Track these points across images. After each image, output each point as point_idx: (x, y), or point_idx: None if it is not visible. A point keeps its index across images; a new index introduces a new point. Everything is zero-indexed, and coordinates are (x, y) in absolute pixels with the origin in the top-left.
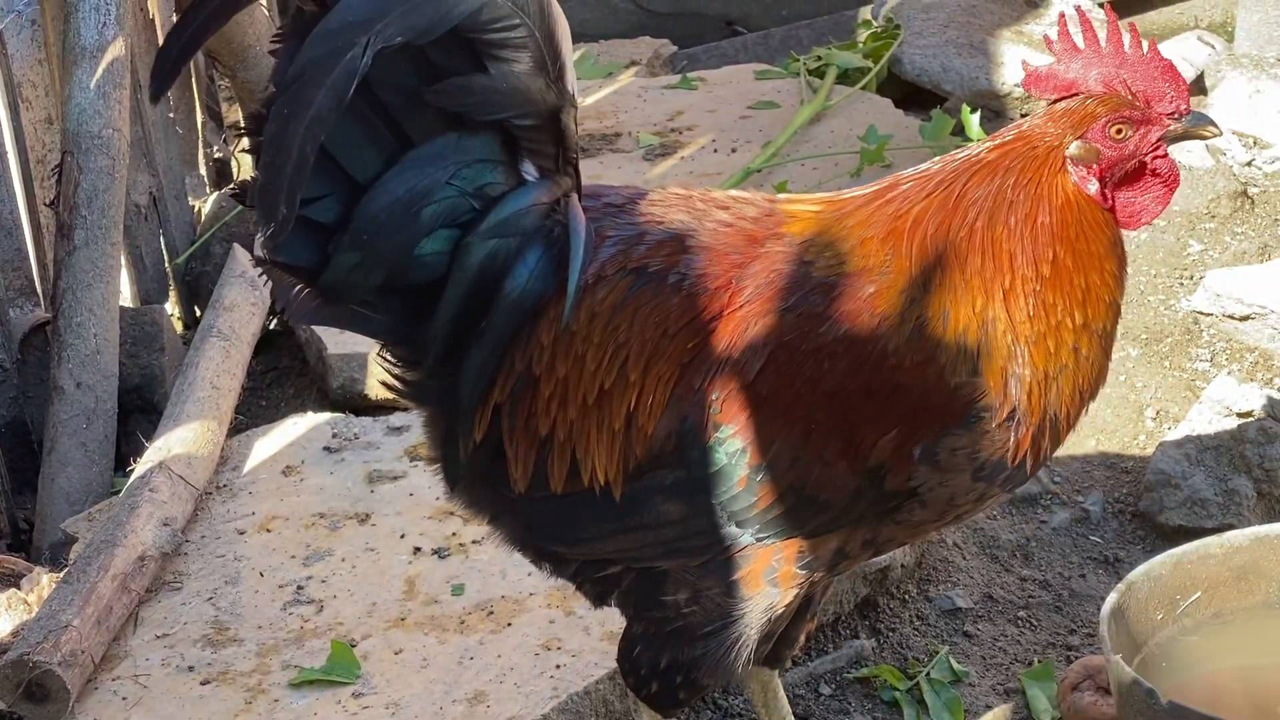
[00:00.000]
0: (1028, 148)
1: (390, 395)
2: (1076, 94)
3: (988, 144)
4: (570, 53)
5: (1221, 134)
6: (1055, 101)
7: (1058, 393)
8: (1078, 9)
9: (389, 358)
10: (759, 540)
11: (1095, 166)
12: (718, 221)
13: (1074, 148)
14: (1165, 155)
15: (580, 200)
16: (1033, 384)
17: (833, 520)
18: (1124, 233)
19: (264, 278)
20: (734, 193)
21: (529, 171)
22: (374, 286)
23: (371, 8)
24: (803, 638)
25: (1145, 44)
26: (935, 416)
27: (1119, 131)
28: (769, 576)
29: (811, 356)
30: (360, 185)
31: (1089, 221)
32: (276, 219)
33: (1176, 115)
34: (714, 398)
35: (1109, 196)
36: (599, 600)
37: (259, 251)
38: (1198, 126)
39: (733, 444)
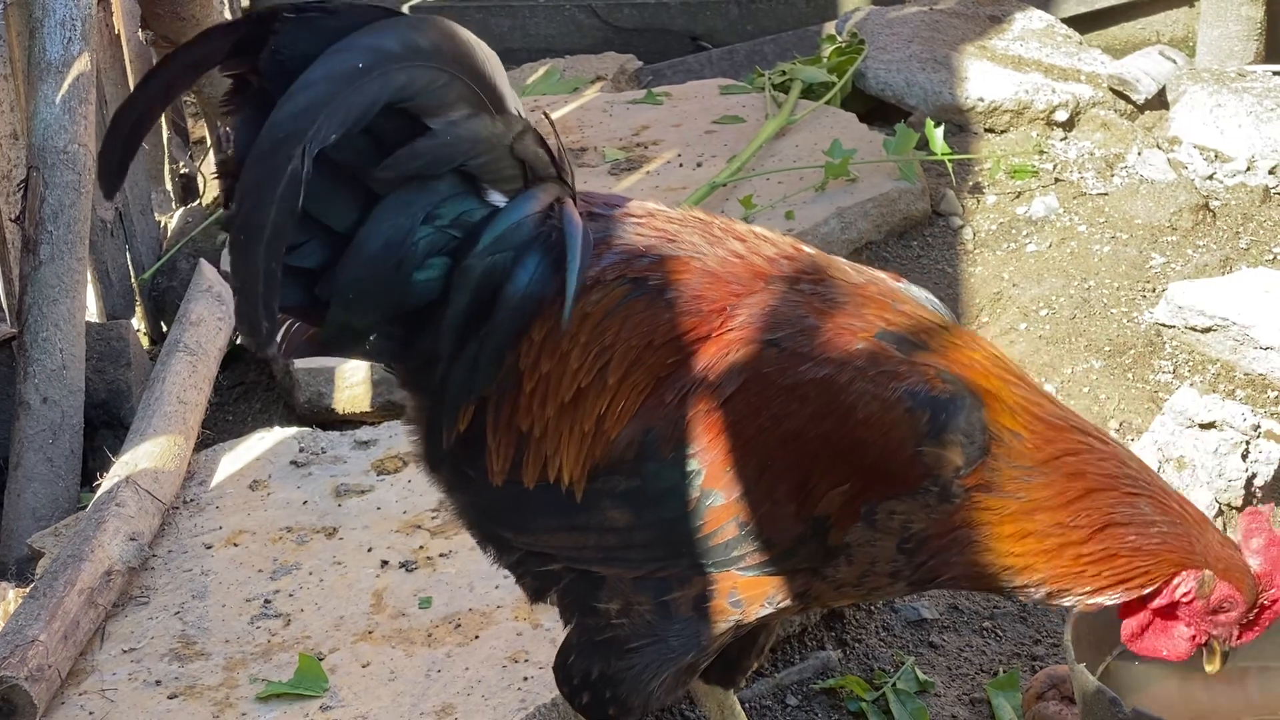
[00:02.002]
0: (1190, 537)
1: (357, 410)
2: (1252, 559)
3: (1180, 500)
4: (504, 78)
5: (1217, 670)
6: (1249, 543)
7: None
8: None
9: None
10: (696, 566)
11: (1193, 602)
12: (730, 251)
13: (1208, 576)
14: (1200, 641)
15: (576, 201)
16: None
17: (772, 561)
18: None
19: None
20: (757, 229)
21: (495, 199)
22: (371, 331)
23: (300, 118)
24: (754, 665)
25: None
26: (890, 481)
27: (1222, 605)
28: (699, 606)
29: (783, 393)
30: (339, 233)
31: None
32: (260, 334)
33: (1234, 640)
34: (681, 415)
35: (1148, 610)
36: (536, 595)
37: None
38: (1218, 654)
39: (690, 464)
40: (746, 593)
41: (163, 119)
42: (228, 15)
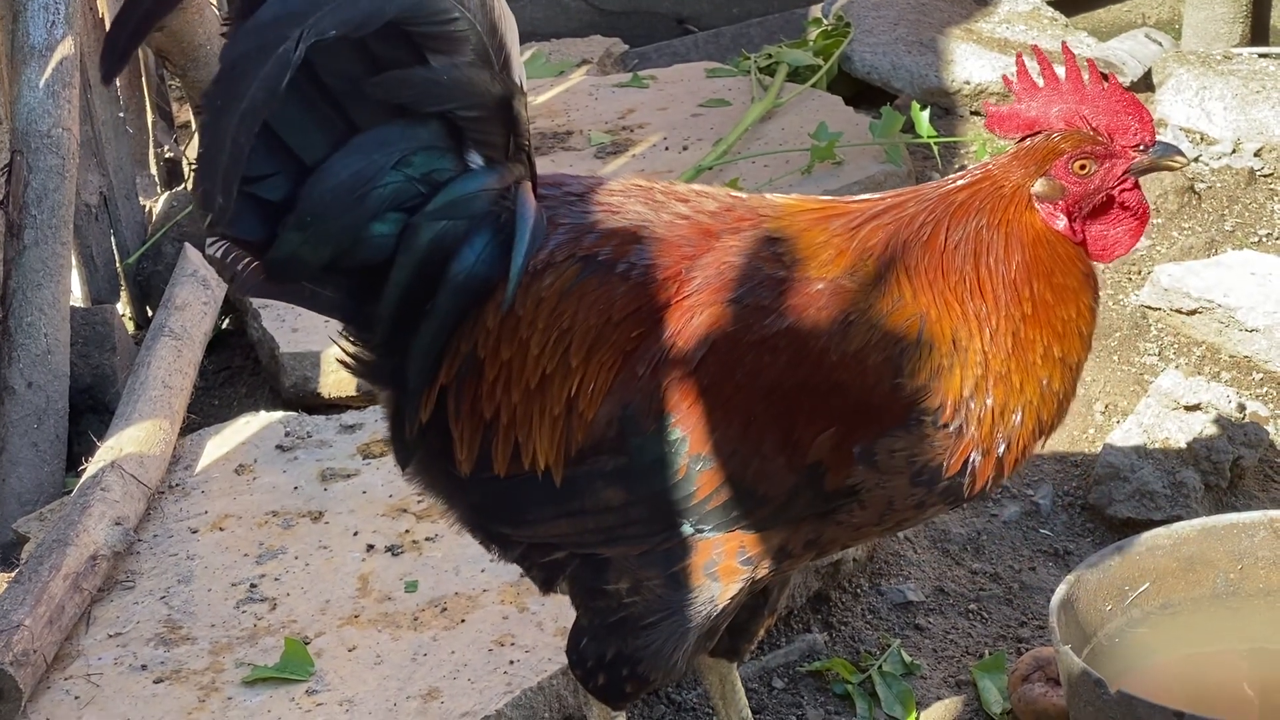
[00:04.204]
0: (994, 188)
1: (343, 394)
2: (1039, 132)
3: (960, 182)
4: (516, 44)
5: (1189, 162)
6: (1020, 140)
7: (1015, 425)
8: (1034, 48)
9: (346, 335)
10: (698, 532)
11: (1061, 202)
12: (674, 214)
13: (1039, 185)
14: (1133, 188)
15: (536, 188)
16: (993, 415)
17: (772, 516)
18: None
19: (214, 246)
20: (696, 186)
21: (474, 160)
22: (320, 266)
23: (306, 1)
24: (761, 632)
25: (1105, 79)
26: (874, 417)
27: (1082, 167)
28: (709, 570)
29: (754, 349)
30: (308, 166)
31: (1062, 256)
32: (213, 208)
33: (1141, 147)
34: (656, 385)
35: (1079, 231)
36: (546, 586)
37: (206, 227)
38: (1164, 157)
39: (673, 433)
40: (755, 549)
41: (147, 103)
42: (213, 0)
